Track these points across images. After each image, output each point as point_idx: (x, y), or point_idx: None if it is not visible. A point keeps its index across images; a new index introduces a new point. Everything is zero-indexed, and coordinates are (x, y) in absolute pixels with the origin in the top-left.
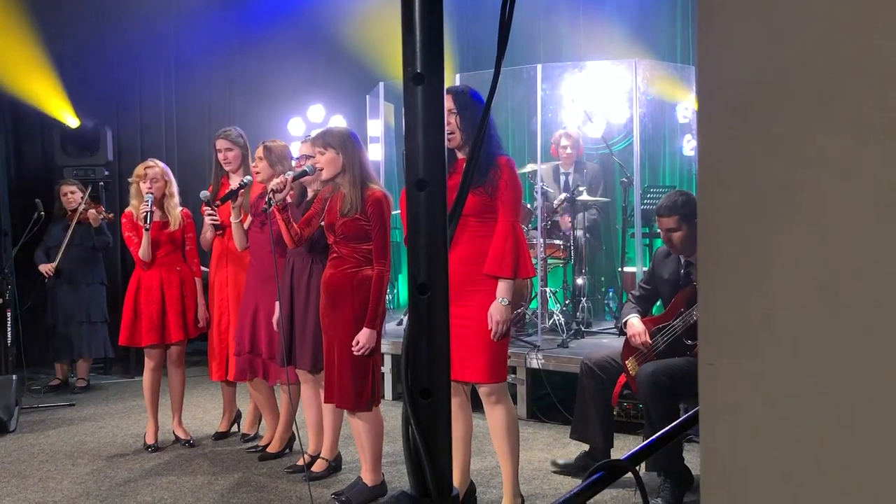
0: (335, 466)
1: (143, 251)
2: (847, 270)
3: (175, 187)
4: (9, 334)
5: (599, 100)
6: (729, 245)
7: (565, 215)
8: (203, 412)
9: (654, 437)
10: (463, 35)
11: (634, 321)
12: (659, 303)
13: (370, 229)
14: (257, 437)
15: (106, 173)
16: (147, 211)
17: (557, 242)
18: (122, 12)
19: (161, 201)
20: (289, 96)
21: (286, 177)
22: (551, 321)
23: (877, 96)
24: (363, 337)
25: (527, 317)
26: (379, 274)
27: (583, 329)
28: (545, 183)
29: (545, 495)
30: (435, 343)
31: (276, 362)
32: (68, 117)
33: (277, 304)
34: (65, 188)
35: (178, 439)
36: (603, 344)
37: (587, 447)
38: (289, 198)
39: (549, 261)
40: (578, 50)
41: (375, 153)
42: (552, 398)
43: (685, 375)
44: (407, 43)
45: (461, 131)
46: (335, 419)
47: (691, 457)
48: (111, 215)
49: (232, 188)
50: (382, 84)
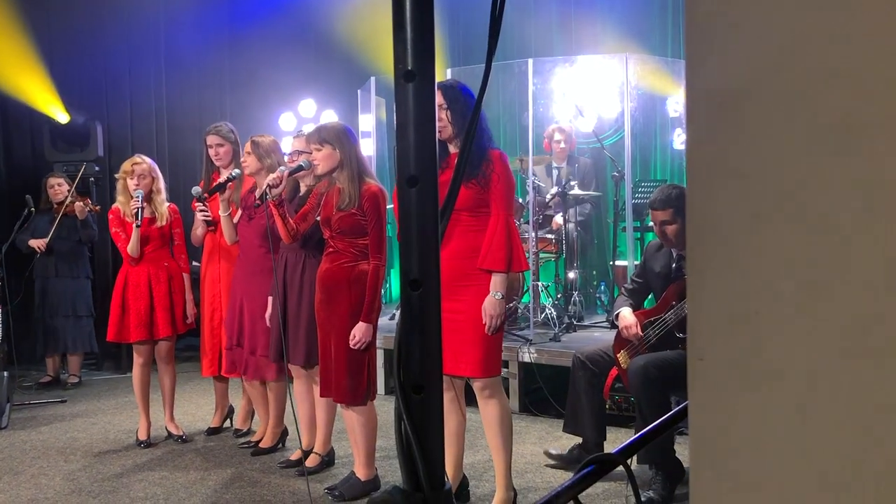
0: (328, 461)
1: (132, 247)
2: (835, 267)
3: (162, 183)
4: None
5: (590, 94)
6: (718, 241)
7: (556, 216)
8: (195, 408)
9: (646, 431)
10: (453, 30)
11: (626, 313)
12: (651, 296)
13: (366, 224)
14: (250, 433)
15: (96, 168)
16: (138, 207)
17: (549, 237)
18: (112, 7)
19: (149, 197)
20: (280, 91)
21: (282, 172)
22: (543, 315)
23: (862, 95)
24: (359, 331)
25: (519, 311)
26: (375, 268)
27: (575, 323)
28: (537, 177)
29: (537, 489)
30: (427, 338)
31: (258, 358)
32: (58, 113)
33: (271, 300)
34: (51, 181)
35: (171, 435)
36: (595, 337)
37: (580, 440)
38: (283, 193)
39: (541, 255)
40: (569, 44)
41: (367, 148)
42: (544, 392)
43: (676, 368)
44: (398, 40)
45: (452, 125)
46: (328, 413)
47: (682, 449)
48: (98, 208)
49: (219, 181)
50: (374, 79)
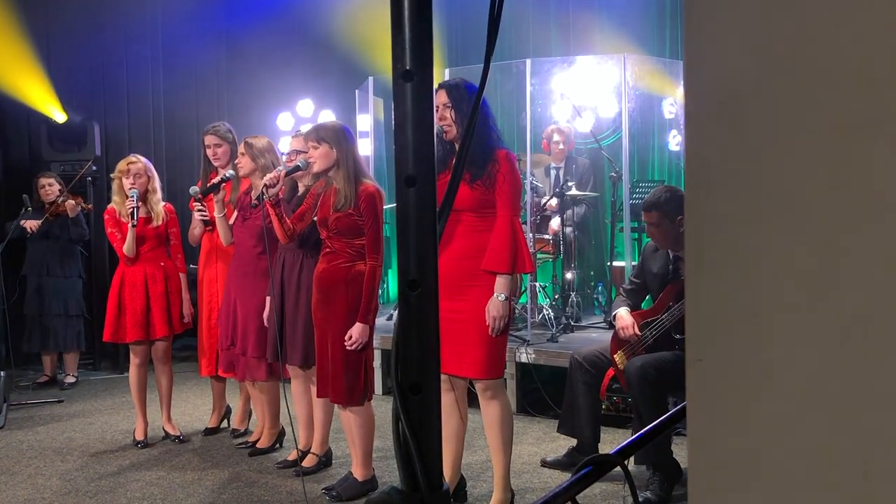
0: (325, 461)
1: (128, 247)
2: (833, 268)
3: (158, 183)
4: None
5: (588, 94)
6: (716, 242)
7: (554, 220)
8: (192, 408)
9: (643, 432)
10: (451, 30)
11: (624, 314)
12: (648, 297)
13: (363, 224)
14: (247, 433)
15: (93, 168)
16: (133, 206)
17: (547, 237)
18: (110, 6)
19: (144, 197)
20: (278, 91)
21: (279, 172)
22: (541, 316)
23: (861, 94)
24: (356, 331)
25: (516, 311)
26: (372, 269)
27: (572, 323)
28: (535, 178)
29: (535, 489)
30: (425, 339)
31: (247, 358)
32: (55, 112)
33: (268, 300)
34: (42, 180)
35: (168, 435)
36: (592, 338)
37: (575, 441)
38: (280, 193)
39: (539, 255)
40: (567, 45)
41: (364, 148)
42: (542, 392)
43: (673, 369)
44: (396, 40)
45: (457, 125)
46: (326, 414)
47: (679, 450)
48: (90, 206)
49: (213, 181)
50: (371, 79)
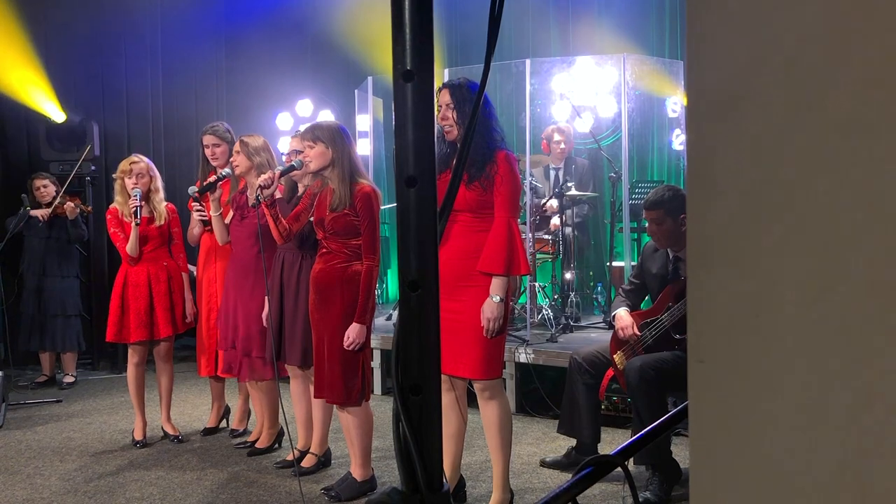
0: (324, 461)
1: (131, 246)
2: (836, 269)
3: (160, 182)
4: None
5: (588, 95)
6: (718, 243)
7: (554, 218)
8: (191, 408)
9: (644, 432)
10: (451, 30)
11: (623, 314)
12: (648, 298)
13: (359, 224)
14: (246, 433)
15: (92, 168)
16: (137, 205)
17: (546, 237)
18: (109, 5)
19: (146, 196)
20: (277, 91)
21: (274, 172)
22: (540, 316)
23: (863, 95)
24: (353, 332)
25: (515, 312)
26: (368, 269)
27: (571, 323)
28: (535, 178)
29: (534, 489)
30: (425, 340)
31: (252, 359)
32: (54, 112)
33: (267, 300)
34: (37, 182)
35: (167, 435)
36: (592, 338)
37: (574, 442)
38: (278, 193)
39: (538, 256)
40: (567, 45)
41: (364, 148)
42: (541, 392)
43: (673, 369)
44: (397, 40)
45: (459, 125)
46: (324, 414)
47: (679, 450)
48: (90, 209)
49: (209, 180)
50: (371, 79)
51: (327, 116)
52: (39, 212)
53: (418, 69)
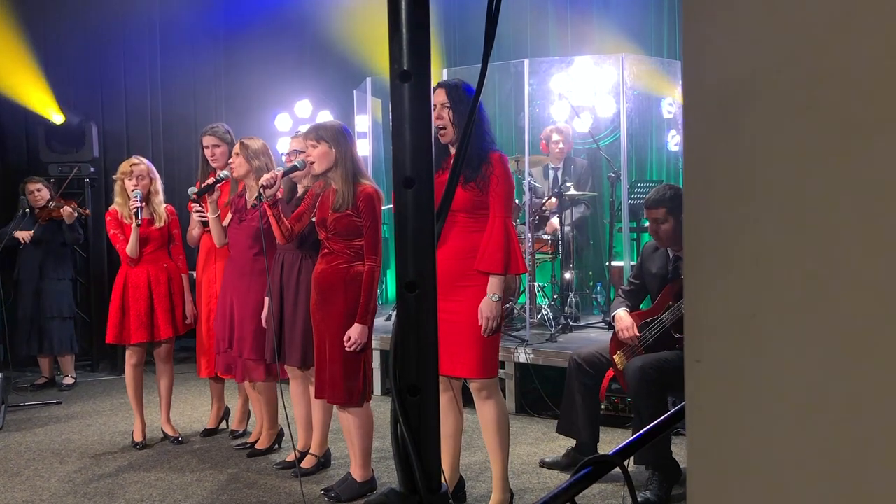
0: (324, 462)
1: (132, 248)
2: (833, 268)
3: (160, 184)
4: None
5: (586, 95)
6: (714, 242)
7: (553, 218)
8: (191, 409)
9: (642, 432)
10: (450, 30)
11: (623, 314)
12: (648, 297)
13: (362, 225)
14: (246, 434)
15: (91, 169)
16: (137, 207)
17: (545, 237)
18: (108, 7)
19: (146, 198)
20: (276, 92)
21: (277, 172)
22: (539, 316)
23: (860, 94)
24: (355, 332)
25: (515, 312)
26: (370, 270)
27: (571, 323)
28: (533, 178)
29: (534, 489)
30: (423, 340)
31: (245, 359)
32: (53, 113)
33: (267, 301)
34: (30, 186)
35: (167, 436)
36: (591, 338)
37: (574, 442)
38: (279, 193)
39: (538, 256)
40: (566, 45)
41: (363, 149)
42: (541, 392)
43: (673, 369)
44: (394, 41)
45: (454, 126)
46: (324, 415)
47: (679, 450)
48: (87, 211)
49: (207, 182)
50: (370, 79)
51: (326, 117)
52: (22, 234)
53: (415, 69)
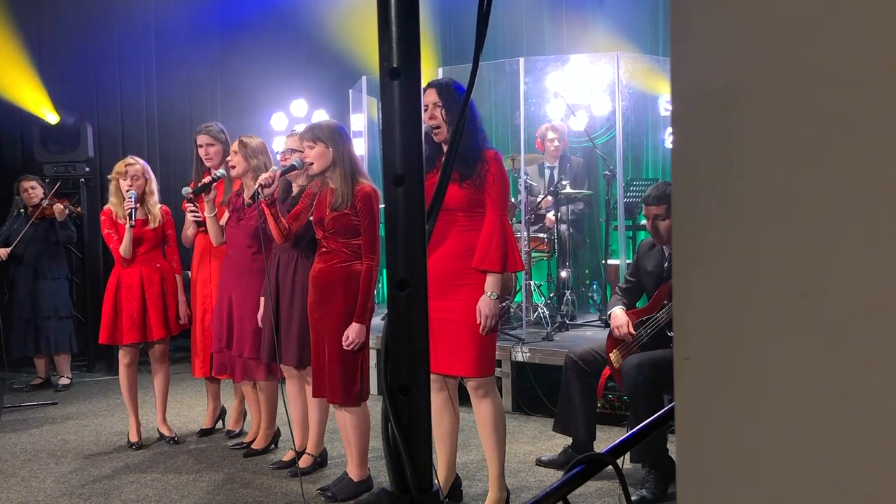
0: (321, 462)
1: (125, 248)
2: (821, 266)
3: (155, 184)
4: None
5: (582, 93)
6: (703, 240)
7: (549, 214)
8: (187, 409)
9: (635, 430)
10: (445, 29)
11: (618, 313)
12: (644, 295)
13: (359, 224)
14: (242, 434)
15: (86, 169)
16: (132, 207)
17: (542, 236)
18: (102, 6)
19: (141, 198)
20: (271, 91)
21: (275, 171)
22: (536, 314)
23: (847, 91)
24: (352, 332)
25: (511, 310)
26: (368, 269)
27: (567, 322)
28: (529, 176)
29: (530, 488)
30: (414, 339)
31: (245, 359)
32: (48, 113)
33: (262, 300)
34: (25, 184)
35: (163, 436)
36: (587, 337)
37: (570, 440)
38: (275, 192)
39: (534, 254)
40: (561, 43)
41: (358, 147)
42: (537, 391)
43: (669, 367)
44: (383, 37)
45: (448, 125)
46: (321, 414)
47: (675, 448)
48: (79, 209)
49: (204, 181)
50: (365, 78)
51: (322, 116)
52: (1, 251)
53: (405, 67)
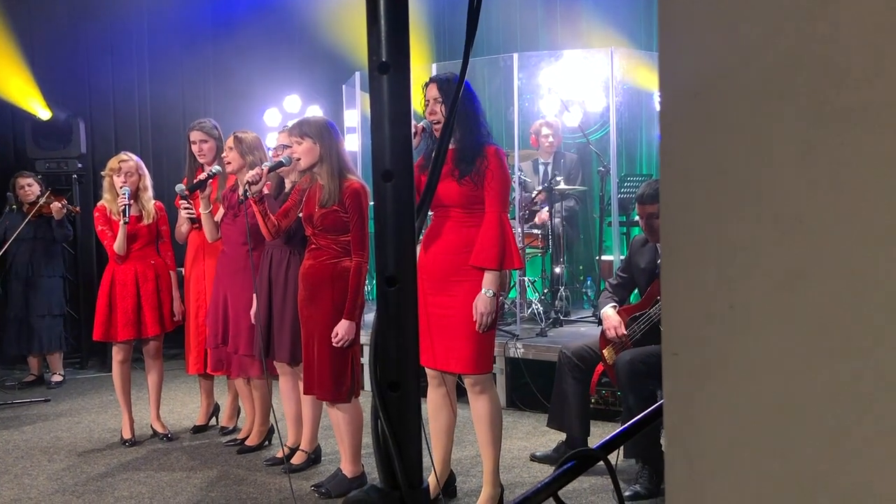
0: (314, 458)
1: (119, 245)
2: (809, 262)
3: (149, 181)
4: None
5: (576, 89)
6: (691, 236)
7: (543, 211)
8: (181, 406)
9: (627, 426)
10: (438, 24)
11: (610, 313)
12: (637, 291)
13: (348, 220)
14: (236, 431)
15: (79, 165)
16: (125, 204)
17: (536, 232)
18: (94, 2)
19: (135, 195)
20: (264, 86)
21: (262, 168)
22: (530, 310)
23: (833, 84)
24: (342, 328)
25: (505, 306)
26: (357, 265)
27: (561, 318)
28: (523, 173)
29: (524, 484)
30: (403, 335)
31: (241, 356)
32: (40, 109)
33: (255, 297)
34: (21, 181)
35: (156, 433)
36: (581, 333)
37: (565, 436)
38: (266, 189)
39: (528, 250)
40: (555, 39)
41: (352, 143)
42: (531, 387)
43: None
44: (372, 32)
45: (446, 119)
46: (314, 411)
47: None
48: (77, 209)
49: (199, 178)
50: (359, 74)
51: (315, 112)
52: None
53: (394, 61)
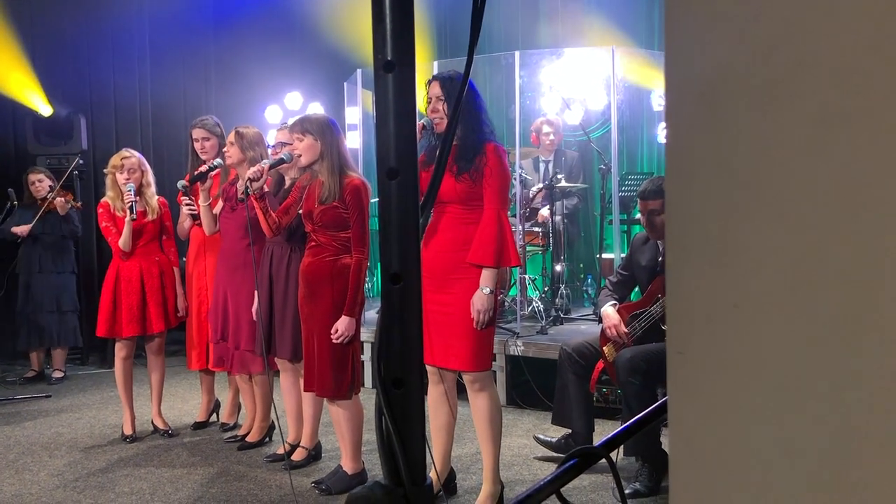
0: (315, 455)
1: (125, 241)
2: (814, 260)
3: (152, 177)
4: None
5: (577, 87)
6: (696, 235)
7: (543, 209)
8: (181, 402)
9: (629, 424)
10: (440, 22)
11: (610, 312)
12: (637, 289)
13: (348, 217)
14: (236, 427)
15: (80, 162)
16: (132, 201)
17: (536, 230)
18: None
19: (138, 191)
20: (266, 83)
21: (263, 165)
22: (530, 308)
23: (841, 88)
24: (342, 325)
25: (506, 304)
26: (357, 262)
27: (562, 316)
28: (524, 170)
29: (525, 481)
30: (407, 333)
31: (242, 352)
32: (41, 105)
33: (257, 294)
34: (32, 177)
35: (157, 429)
36: (582, 330)
37: (570, 431)
38: (266, 186)
39: (528, 248)
40: (556, 37)
41: (353, 141)
42: (532, 385)
43: (663, 360)
44: (377, 30)
45: (450, 118)
46: (315, 407)
47: (668, 441)
48: (80, 204)
49: (200, 170)
50: (360, 71)
51: (317, 109)
52: (20, 229)
53: (399, 59)
